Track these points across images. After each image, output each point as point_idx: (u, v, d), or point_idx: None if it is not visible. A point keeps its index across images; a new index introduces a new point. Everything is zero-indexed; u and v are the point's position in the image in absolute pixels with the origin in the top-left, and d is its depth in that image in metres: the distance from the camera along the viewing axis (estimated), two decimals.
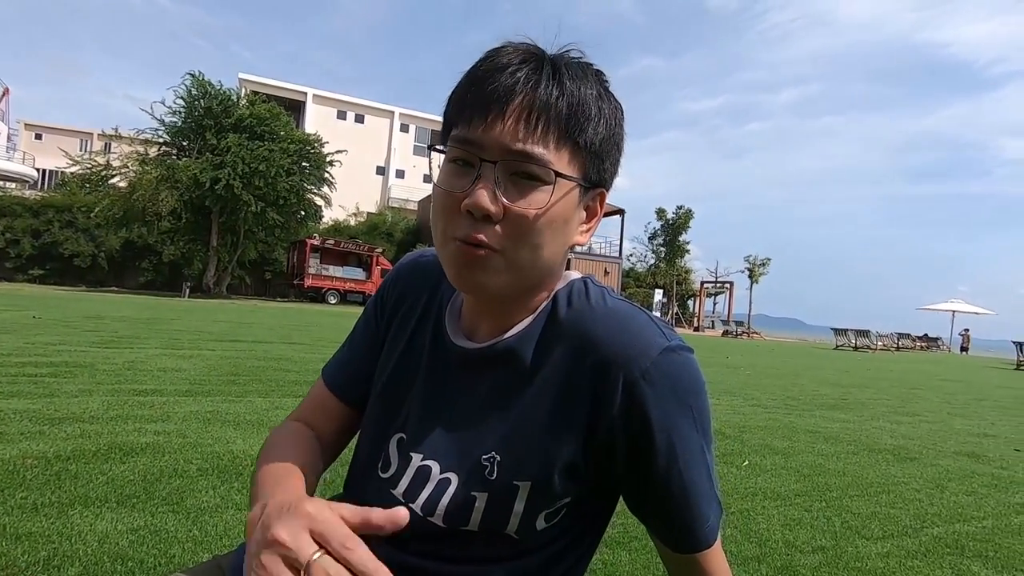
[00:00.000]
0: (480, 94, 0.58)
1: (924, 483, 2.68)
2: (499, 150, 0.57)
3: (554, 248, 0.61)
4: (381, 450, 0.70)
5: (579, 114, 0.58)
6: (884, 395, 6.54)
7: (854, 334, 22.70)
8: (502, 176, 0.57)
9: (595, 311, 0.64)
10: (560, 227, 0.60)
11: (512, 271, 0.60)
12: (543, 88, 0.57)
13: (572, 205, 0.60)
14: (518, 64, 0.58)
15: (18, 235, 25.14)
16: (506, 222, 0.57)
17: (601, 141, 0.61)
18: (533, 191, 0.57)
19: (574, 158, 0.59)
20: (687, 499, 0.62)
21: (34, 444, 2.15)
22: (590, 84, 0.60)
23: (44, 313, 8.40)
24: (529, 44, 0.62)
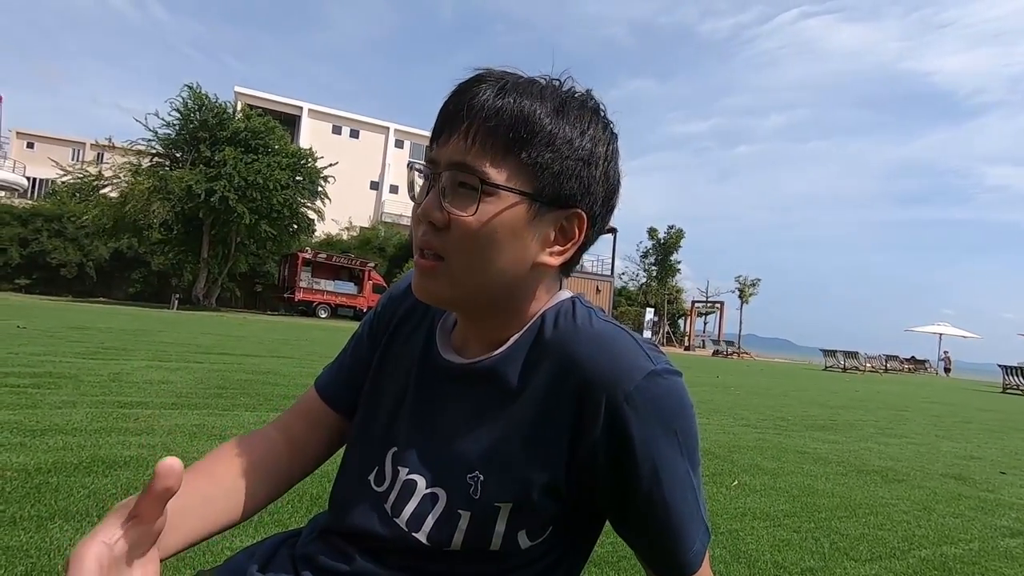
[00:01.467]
0: (441, 114, 0.62)
1: (912, 505, 2.69)
2: (445, 163, 0.59)
3: (500, 263, 0.61)
4: (376, 463, 0.70)
5: (521, 128, 0.58)
6: (872, 416, 6.58)
7: (843, 355, 22.84)
8: (449, 187, 0.59)
9: (580, 332, 0.63)
10: (504, 241, 0.60)
11: (456, 280, 0.61)
12: (488, 104, 0.58)
13: (519, 219, 0.60)
14: (474, 83, 0.61)
15: (5, 243, 24.89)
16: (450, 230, 0.59)
17: (556, 158, 0.60)
18: (473, 202, 0.58)
19: (518, 173, 0.59)
20: (671, 524, 0.61)
21: (14, 456, 2.11)
22: (546, 101, 0.60)
23: (29, 323, 8.28)
24: (507, 70, 0.64)
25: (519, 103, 0.58)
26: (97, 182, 22.14)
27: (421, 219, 0.60)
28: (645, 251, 36.58)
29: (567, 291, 0.72)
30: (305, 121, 38.75)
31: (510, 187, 0.58)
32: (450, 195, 0.59)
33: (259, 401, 3.78)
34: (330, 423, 0.78)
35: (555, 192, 0.60)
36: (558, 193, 0.61)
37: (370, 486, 0.69)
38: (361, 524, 0.67)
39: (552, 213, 0.61)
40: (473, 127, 0.58)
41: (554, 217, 0.62)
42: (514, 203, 0.59)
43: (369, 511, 0.68)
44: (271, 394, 4.09)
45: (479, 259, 0.60)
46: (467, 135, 0.58)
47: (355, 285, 27.39)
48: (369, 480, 0.70)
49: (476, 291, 0.62)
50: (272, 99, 37.87)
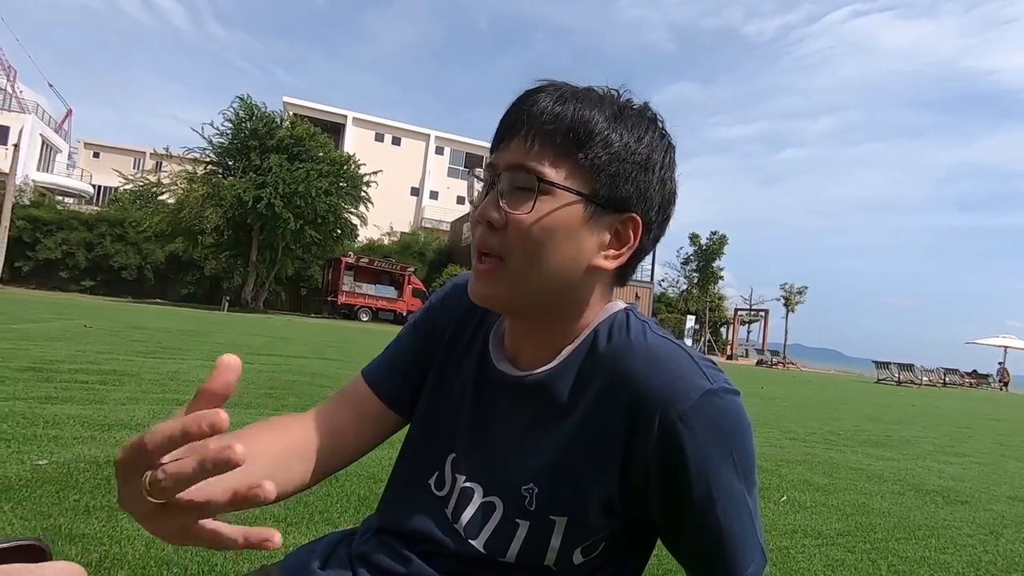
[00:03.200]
0: (501, 122, 0.64)
1: (977, 528, 2.54)
2: (504, 166, 0.61)
3: (556, 262, 0.61)
4: (437, 468, 0.71)
5: (579, 131, 0.60)
6: (930, 433, 6.25)
7: (897, 368, 21.79)
8: (507, 188, 0.61)
9: (634, 347, 0.63)
10: (561, 240, 0.60)
11: (512, 281, 0.61)
12: (548, 110, 0.60)
13: (576, 219, 0.61)
14: (535, 92, 0.63)
15: (73, 248, 26.49)
16: (508, 230, 0.60)
17: (612, 161, 0.61)
18: (531, 200, 0.59)
19: (575, 174, 0.60)
20: (725, 546, 0.60)
21: (86, 449, 2.25)
22: (604, 108, 0.62)
23: (94, 323, 8.78)
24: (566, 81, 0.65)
25: (578, 108, 0.60)
26: (156, 189, 23.35)
27: (479, 220, 0.61)
28: (686, 257, 35.86)
29: (620, 301, 0.72)
30: (349, 129, 39.80)
31: (566, 186, 0.59)
32: (508, 195, 0.60)
33: (306, 402, 3.89)
34: (376, 414, 0.78)
35: (611, 194, 0.61)
36: (614, 195, 0.61)
37: (431, 490, 0.71)
38: (421, 527, 0.69)
39: (608, 216, 0.62)
40: (532, 131, 0.60)
41: (610, 220, 0.62)
42: (570, 202, 0.60)
43: (430, 515, 0.69)
44: (318, 395, 4.20)
45: (536, 257, 0.60)
46: (526, 138, 0.60)
47: (395, 289, 27.89)
48: (430, 484, 0.71)
49: (533, 292, 0.62)
50: (318, 108, 39.08)
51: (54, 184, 36.19)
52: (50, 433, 2.41)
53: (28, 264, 25.83)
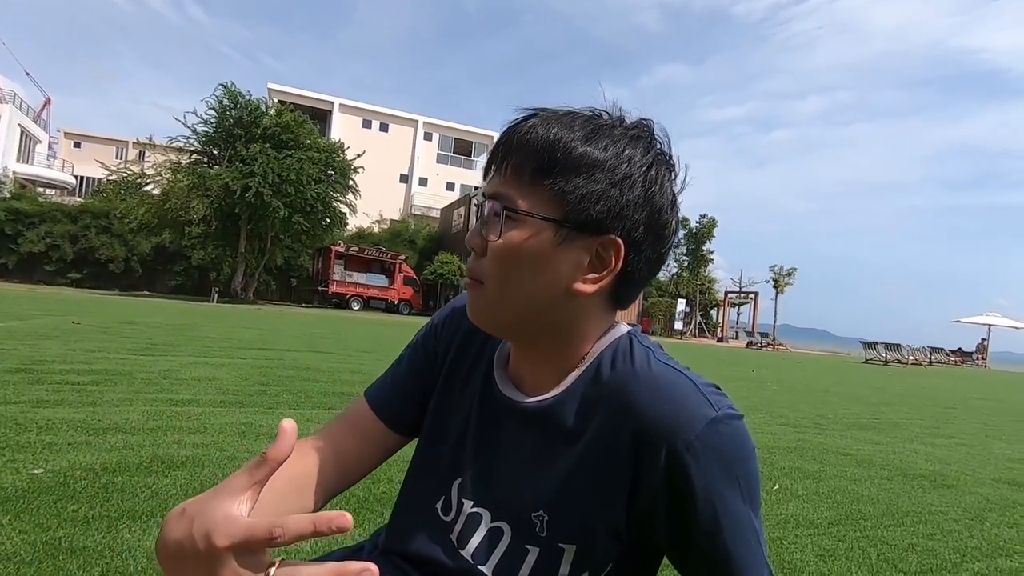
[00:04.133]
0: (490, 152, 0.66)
1: (962, 513, 2.61)
2: (487, 195, 0.63)
3: (529, 286, 0.62)
4: (443, 492, 0.72)
5: (547, 157, 0.59)
6: (917, 414, 6.37)
7: (884, 348, 22.12)
8: (488, 216, 0.62)
9: (639, 376, 0.63)
10: (532, 265, 0.61)
11: (490, 303, 0.63)
12: (522, 137, 0.61)
13: (545, 244, 0.61)
14: (521, 123, 0.63)
15: (58, 240, 26.08)
16: (488, 256, 0.62)
17: (586, 184, 0.60)
18: (505, 228, 0.61)
19: (545, 199, 0.60)
20: (731, 567, 0.61)
21: (81, 455, 2.24)
22: (577, 129, 0.61)
23: (82, 318, 8.69)
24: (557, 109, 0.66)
25: (548, 132, 0.60)
26: (140, 180, 22.97)
27: (466, 246, 0.65)
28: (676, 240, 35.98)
29: (624, 325, 0.72)
30: (336, 116, 39.27)
31: (531, 213, 0.60)
32: (487, 223, 0.62)
33: (301, 399, 3.89)
34: (378, 435, 0.79)
35: (583, 218, 0.60)
36: (587, 219, 0.60)
37: (437, 514, 0.71)
38: (426, 552, 0.70)
39: (584, 239, 0.61)
40: (508, 160, 0.62)
41: (587, 243, 0.61)
42: (540, 229, 0.60)
43: (434, 540, 0.70)
44: (312, 391, 4.20)
45: (507, 281, 0.62)
46: (502, 167, 0.62)
47: (386, 278, 27.81)
48: (436, 508, 0.72)
49: (510, 314, 0.64)
50: (304, 95, 38.48)
51: (35, 175, 35.51)
52: (44, 439, 2.40)
53: (12, 258, 25.43)
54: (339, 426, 0.79)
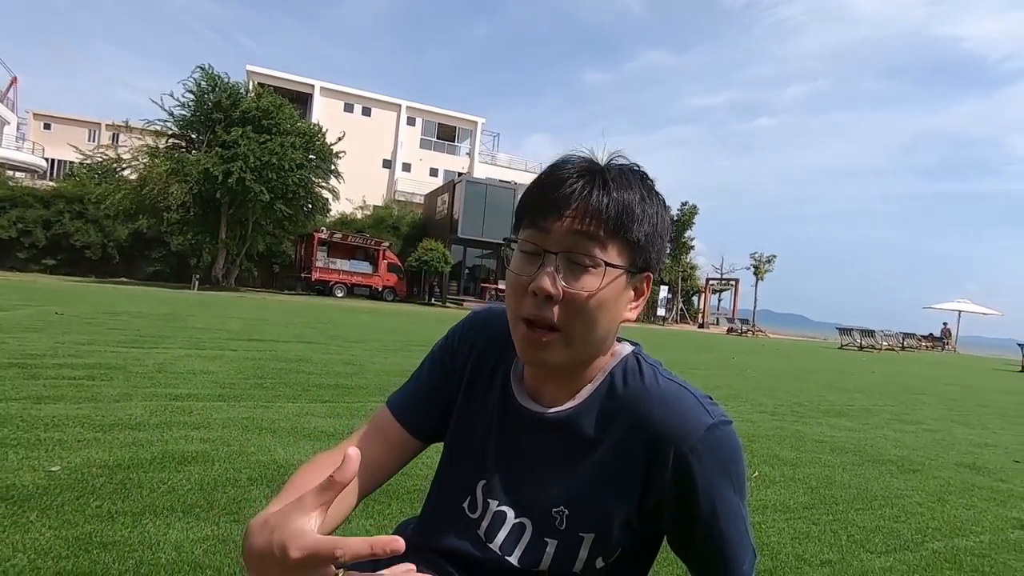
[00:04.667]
0: (545, 199, 0.74)
1: (926, 496, 2.81)
2: (559, 244, 0.72)
3: (605, 324, 0.74)
4: (469, 492, 0.84)
5: (624, 216, 0.72)
6: (888, 400, 6.67)
7: (859, 334, 22.74)
8: (562, 265, 0.73)
9: (649, 391, 0.77)
10: (610, 307, 0.73)
11: (570, 347, 0.74)
12: (595, 196, 0.72)
13: (620, 288, 0.73)
14: (576, 176, 0.74)
15: (30, 225, 25.40)
16: (564, 302, 0.72)
17: (645, 236, 0.74)
18: (585, 276, 0.71)
19: (622, 250, 0.73)
20: (726, 550, 0.76)
21: (93, 452, 2.31)
22: (635, 189, 0.74)
23: (63, 308, 8.58)
24: (585, 157, 0.78)
25: (621, 194, 0.72)
26: (116, 165, 22.43)
27: (534, 291, 0.70)
28: None
29: (627, 343, 0.85)
30: (317, 99, 38.59)
31: (618, 264, 0.72)
32: (564, 271, 0.71)
33: (297, 392, 3.97)
34: (404, 444, 0.90)
35: (643, 262, 0.75)
36: (647, 262, 0.75)
37: (464, 513, 0.83)
38: (457, 546, 0.82)
39: (636, 278, 0.75)
40: (585, 215, 0.71)
41: (636, 280, 0.75)
42: (617, 276, 0.72)
43: (463, 536, 0.82)
44: (307, 383, 4.28)
45: (590, 325, 0.72)
46: (582, 221, 0.71)
47: (370, 264, 27.63)
48: (463, 507, 0.84)
49: (583, 353, 0.75)
50: (284, 77, 37.70)
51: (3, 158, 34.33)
52: (53, 436, 2.46)
53: None
54: (366, 434, 0.89)
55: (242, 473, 2.23)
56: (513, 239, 0.79)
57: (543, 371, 0.81)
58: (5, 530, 1.59)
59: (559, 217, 0.73)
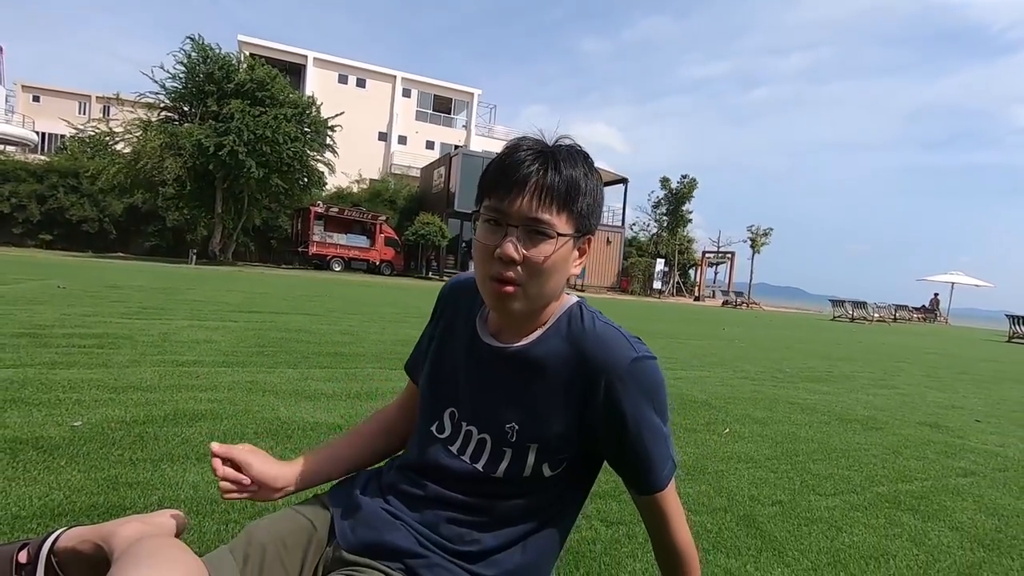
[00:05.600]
0: (507, 179, 0.92)
1: (882, 450, 3.03)
2: (519, 217, 0.90)
3: (557, 280, 0.93)
4: (437, 418, 1.04)
5: (572, 191, 0.91)
6: (869, 368, 6.91)
7: (851, 305, 23.04)
8: (522, 234, 0.90)
9: (587, 332, 0.97)
10: (561, 266, 0.92)
11: (529, 299, 0.93)
12: (549, 176, 0.90)
13: (568, 250, 0.92)
14: (532, 159, 0.91)
15: (24, 200, 25.30)
16: (524, 265, 0.91)
17: (587, 206, 0.92)
18: (542, 243, 0.90)
19: (570, 219, 0.91)
20: (647, 458, 0.96)
21: (111, 410, 2.50)
22: (579, 167, 0.92)
23: (65, 282, 8.73)
24: (537, 140, 0.95)
25: (569, 172, 0.90)
26: (109, 138, 22.25)
27: (500, 257, 0.87)
28: (657, 201, 36.26)
29: (574, 295, 1.05)
30: (310, 70, 37.98)
31: (568, 232, 0.89)
32: (524, 240, 0.88)
33: (298, 359, 4.16)
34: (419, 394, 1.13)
35: (587, 227, 0.93)
36: (588, 227, 0.93)
37: (434, 435, 1.03)
38: (434, 461, 1.02)
39: (580, 240, 0.94)
40: (541, 191, 0.88)
41: (580, 242, 0.94)
42: (566, 242, 0.90)
43: (439, 451, 1.02)
44: (307, 352, 4.47)
45: (546, 282, 0.91)
46: (535, 196, 0.88)
47: (367, 238, 27.67)
48: (432, 431, 1.04)
49: (538, 303, 0.93)
50: (277, 48, 37.03)
51: None
52: (72, 397, 2.65)
53: None
54: (406, 393, 1.17)
55: (248, 428, 2.43)
56: (479, 211, 0.97)
57: (511, 318, 0.99)
58: (40, 472, 1.78)
59: (519, 194, 0.91)
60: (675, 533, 1.03)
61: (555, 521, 1.04)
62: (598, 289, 30.41)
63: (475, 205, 0.98)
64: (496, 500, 0.99)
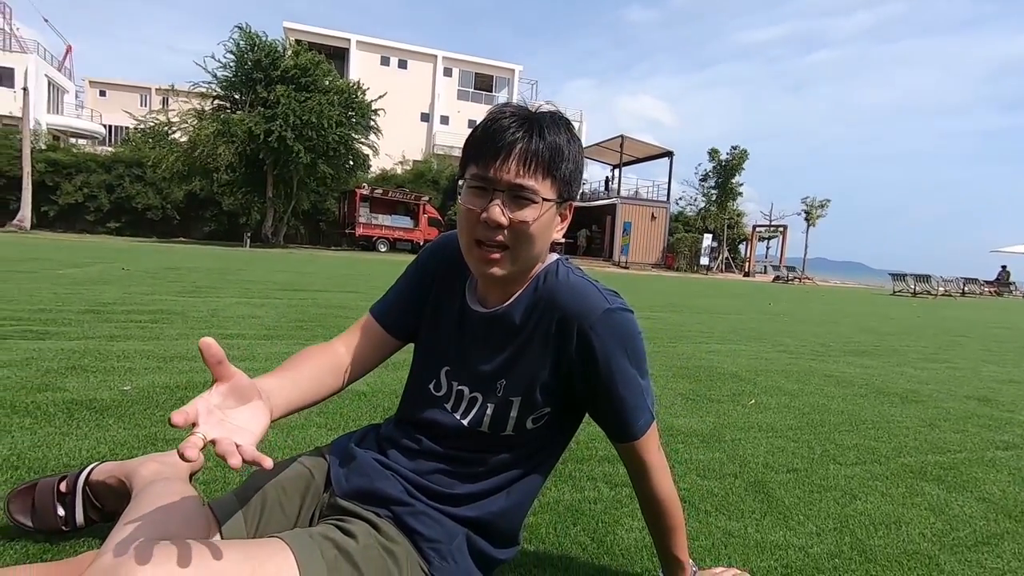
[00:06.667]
0: (491, 145, 0.94)
1: (918, 422, 2.91)
2: (505, 183, 0.92)
3: (541, 244, 0.96)
4: (434, 376, 1.09)
5: (555, 157, 0.93)
6: (921, 342, 6.57)
7: (913, 279, 21.78)
8: (507, 199, 0.93)
9: (561, 284, 1.01)
10: (544, 230, 0.95)
11: (514, 262, 0.96)
12: (532, 142, 0.92)
13: (552, 215, 0.95)
14: (516, 125, 0.94)
15: (94, 190, 26.98)
16: (510, 228, 0.94)
17: (570, 172, 0.95)
18: (527, 208, 0.93)
19: (553, 185, 0.94)
20: (621, 406, 0.99)
21: (157, 377, 2.70)
22: (562, 133, 0.94)
23: (129, 265, 9.33)
24: (520, 106, 0.97)
25: (552, 138, 0.92)
26: (167, 128, 23.37)
27: (487, 221, 0.90)
28: (705, 174, 35.08)
29: (555, 255, 1.07)
30: (353, 53, 38.48)
31: (551, 197, 0.92)
32: (509, 204, 0.91)
33: (334, 332, 4.28)
34: (383, 343, 1.17)
35: (569, 193, 0.96)
36: (570, 193, 0.96)
37: (431, 392, 1.09)
38: (428, 417, 1.08)
39: (563, 205, 0.97)
40: (526, 157, 0.90)
41: (563, 208, 0.97)
42: (550, 207, 0.93)
43: (433, 408, 1.07)
44: (343, 326, 4.59)
45: (532, 245, 0.94)
46: (519, 162, 0.90)
47: (411, 219, 28.13)
48: (430, 388, 1.09)
49: (523, 266, 0.97)
50: (321, 33, 37.65)
51: (66, 126, 36.21)
52: (124, 365, 2.88)
53: (52, 208, 26.49)
54: (353, 333, 1.17)
55: None
56: (464, 177, 1.00)
57: (491, 281, 1.03)
58: (90, 429, 1.97)
59: (505, 160, 0.94)
60: (656, 484, 1.07)
61: (538, 467, 1.09)
62: (642, 266, 29.88)
63: (459, 172, 1.02)
64: (484, 453, 1.05)
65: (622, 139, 30.81)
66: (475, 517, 1.02)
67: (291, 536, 0.89)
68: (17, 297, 4.87)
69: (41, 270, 7.53)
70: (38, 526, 1.25)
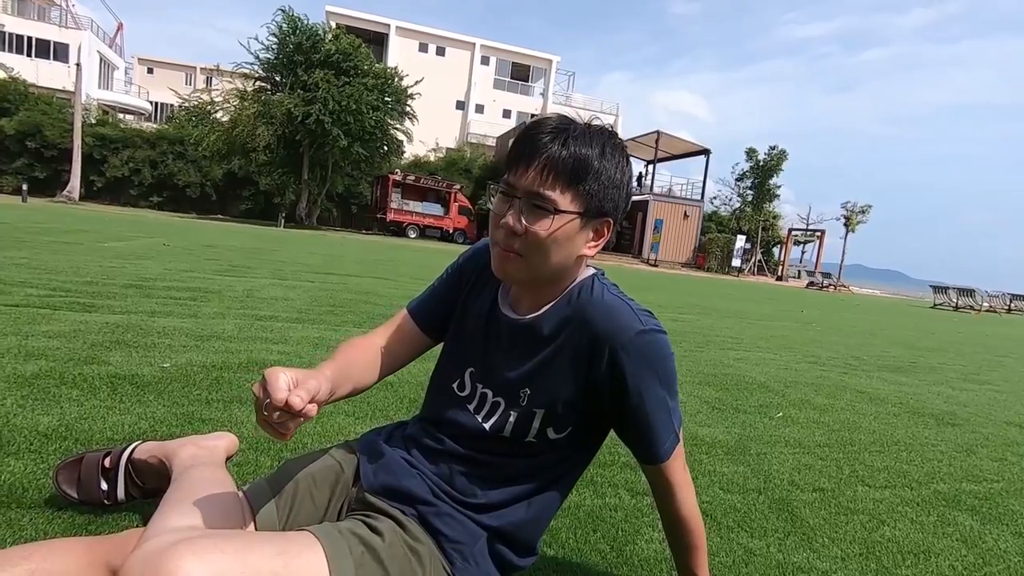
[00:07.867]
0: (519, 153, 0.94)
1: (954, 447, 2.82)
2: (524, 191, 0.92)
3: (559, 257, 0.94)
4: (459, 376, 1.11)
5: (580, 168, 0.91)
6: (961, 360, 6.34)
7: (956, 292, 20.98)
8: (525, 207, 0.94)
9: (595, 302, 1.00)
10: (563, 243, 0.93)
11: (529, 269, 0.96)
12: (557, 151, 0.91)
13: (573, 229, 0.93)
14: (546, 134, 0.93)
15: (139, 165, 27.88)
16: (526, 236, 0.93)
17: (600, 186, 0.92)
18: (543, 218, 0.92)
19: (576, 198, 0.92)
20: (650, 428, 0.98)
21: (194, 356, 2.80)
22: (595, 146, 0.92)
23: (169, 240, 9.63)
24: (564, 117, 0.97)
25: (578, 148, 0.91)
26: (210, 107, 23.96)
27: (503, 226, 0.92)
28: (741, 174, 34.31)
29: (592, 269, 1.07)
30: (393, 39, 38.69)
31: (570, 210, 0.91)
32: (526, 212, 0.91)
33: (363, 319, 4.41)
34: (415, 339, 1.19)
35: (597, 210, 0.94)
36: (599, 210, 0.94)
37: (455, 392, 1.10)
38: (452, 417, 1.09)
39: (593, 222, 0.95)
40: (546, 166, 0.90)
41: (594, 224, 0.96)
42: (570, 220, 0.92)
43: (456, 409, 1.09)
44: (372, 313, 4.73)
45: (546, 256, 0.94)
46: (541, 172, 0.90)
47: (442, 207, 28.27)
48: (453, 388, 1.11)
49: (540, 274, 0.97)
50: (362, 17, 37.95)
51: (115, 102, 37.39)
52: (164, 342, 2.98)
53: (100, 180, 27.47)
54: (388, 329, 1.20)
55: None
56: (495, 183, 1.02)
57: (511, 283, 1.04)
58: (132, 405, 2.05)
59: (527, 168, 0.94)
60: (679, 503, 1.06)
61: (559, 480, 1.09)
62: (672, 264, 29.48)
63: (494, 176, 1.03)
64: (505, 458, 1.06)
65: (658, 135, 30.33)
66: (496, 527, 1.03)
67: (321, 531, 0.92)
68: (66, 268, 5.08)
69: (87, 242, 7.83)
70: (82, 498, 1.32)
